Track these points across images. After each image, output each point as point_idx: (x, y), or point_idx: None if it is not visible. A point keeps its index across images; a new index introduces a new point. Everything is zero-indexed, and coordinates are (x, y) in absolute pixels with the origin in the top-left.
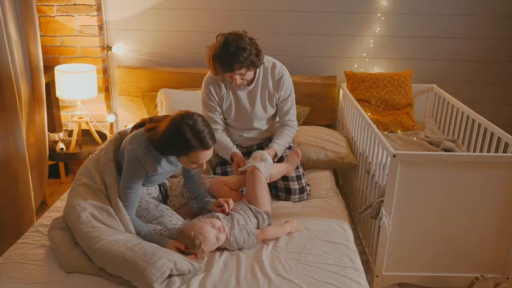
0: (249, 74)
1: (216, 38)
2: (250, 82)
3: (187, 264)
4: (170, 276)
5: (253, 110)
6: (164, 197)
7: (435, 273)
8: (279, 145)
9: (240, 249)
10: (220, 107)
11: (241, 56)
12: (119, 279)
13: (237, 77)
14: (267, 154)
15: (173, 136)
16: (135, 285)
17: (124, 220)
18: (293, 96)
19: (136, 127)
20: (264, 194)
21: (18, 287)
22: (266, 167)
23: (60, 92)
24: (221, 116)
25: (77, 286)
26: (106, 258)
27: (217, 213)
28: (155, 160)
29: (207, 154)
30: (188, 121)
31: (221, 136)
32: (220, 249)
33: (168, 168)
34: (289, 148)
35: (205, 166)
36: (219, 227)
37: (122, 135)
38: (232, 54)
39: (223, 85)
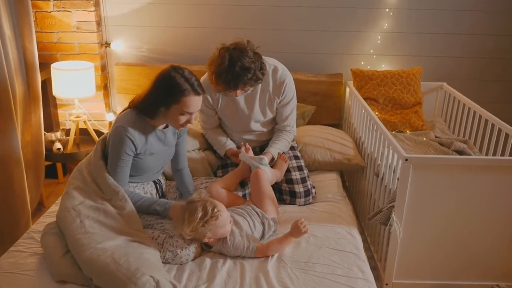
0: (250, 87)
1: (219, 51)
2: None
3: (169, 286)
4: None
5: (251, 114)
6: (161, 196)
7: (447, 281)
8: (276, 149)
9: (237, 256)
10: (215, 109)
11: (246, 76)
12: None
13: (238, 91)
14: (265, 158)
15: (164, 83)
16: None
17: (128, 215)
18: (294, 101)
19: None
20: (270, 196)
21: None
22: (269, 170)
23: (57, 90)
24: (216, 117)
25: None
26: (92, 268)
27: None
28: (142, 132)
29: (198, 102)
30: (177, 69)
31: (218, 131)
32: (222, 255)
33: (157, 147)
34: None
35: (194, 122)
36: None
37: None
38: (237, 75)
39: None
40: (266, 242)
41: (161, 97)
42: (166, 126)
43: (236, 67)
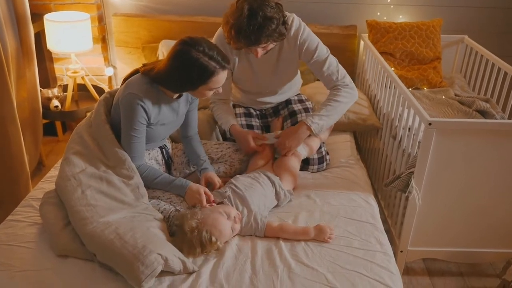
0: (272, 45)
1: (236, 3)
2: None
3: (179, 264)
4: None
5: (267, 75)
6: (167, 160)
7: (465, 249)
8: (314, 123)
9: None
10: (230, 70)
11: (270, 28)
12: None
13: (259, 49)
14: None
15: (188, 68)
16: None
17: (133, 186)
18: (322, 51)
19: (127, 78)
20: (294, 168)
21: (8, 275)
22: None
23: (51, 43)
24: (229, 82)
25: (72, 274)
26: (96, 244)
27: (228, 193)
28: (156, 102)
29: (225, 74)
30: (196, 46)
31: (225, 106)
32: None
33: (170, 117)
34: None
35: (221, 90)
36: (234, 217)
37: (112, 94)
38: (259, 26)
39: (234, 50)
40: (279, 225)
41: (187, 82)
42: (180, 95)
43: (258, 17)
